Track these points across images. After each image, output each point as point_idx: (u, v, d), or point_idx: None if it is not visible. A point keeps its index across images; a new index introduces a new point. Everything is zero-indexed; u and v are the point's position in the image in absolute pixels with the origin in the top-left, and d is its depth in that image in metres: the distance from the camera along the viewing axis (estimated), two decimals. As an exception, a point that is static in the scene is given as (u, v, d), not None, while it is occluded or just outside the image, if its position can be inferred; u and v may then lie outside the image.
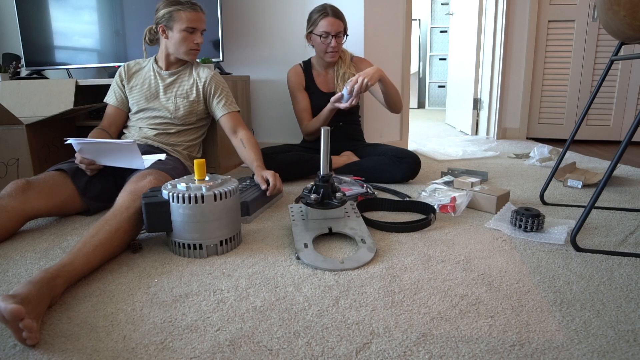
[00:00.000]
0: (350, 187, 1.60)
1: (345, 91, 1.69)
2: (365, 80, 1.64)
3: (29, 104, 2.05)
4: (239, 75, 2.28)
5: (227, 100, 1.63)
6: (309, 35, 1.90)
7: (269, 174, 1.45)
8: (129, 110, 1.67)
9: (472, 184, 1.56)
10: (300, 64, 2.03)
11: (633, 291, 0.89)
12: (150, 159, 1.45)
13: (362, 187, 1.59)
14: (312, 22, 1.87)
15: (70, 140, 1.33)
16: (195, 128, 1.69)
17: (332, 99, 1.76)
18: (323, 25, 1.82)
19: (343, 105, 1.73)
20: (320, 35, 1.85)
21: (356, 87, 1.64)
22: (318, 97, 1.96)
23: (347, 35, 1.92)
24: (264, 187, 1.44)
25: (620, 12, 1.05)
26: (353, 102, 1.70)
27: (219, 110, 1.62)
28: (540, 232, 1.21)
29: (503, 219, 1.31)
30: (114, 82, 1.66)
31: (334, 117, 1.90)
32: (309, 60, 2.04)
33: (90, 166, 1.39)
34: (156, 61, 1.64)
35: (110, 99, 1.66)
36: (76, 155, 1.38)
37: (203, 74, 1.62)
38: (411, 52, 3.87)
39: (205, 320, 0.80)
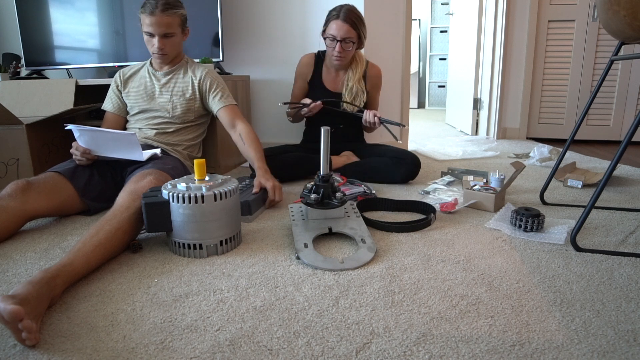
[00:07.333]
0: (350, 187, 1.60)
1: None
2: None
3: (29, 104, 2.05)
4: (239, 75, 2.28)
5: (223, 94, 1.63)
6: (323, 33, 1.84)
7: (269, 186, 1.44)
8: (127, 114, 1.67)
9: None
10: (315, 54, 1.95)
11: (633, 291, 0.89)
12: (146, 152, 1.45)
13: (361, 186, 1.59)
14: (325, 21, 1.81)
15: (70, 126, 1.33)
16: (194, 126, 1.69)
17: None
18: (331, 27, 1.76)
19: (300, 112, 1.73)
20: (327, 38, 1.79)
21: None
22: (321, 93, 1.91)
23: (357, 44, 1.80)
24: (255, 190, 1.42)
25: (620, 12, 1.05)
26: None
27: (215, 105, 1.62)
28: (540, 232, 1.21)
29: (503, 218, 1.31)
30: (110, 89, 1.67)
31: (334, 119, 1.90)
32: (325, 52, 1.94)
33: (84, 154, 1.38)
34: (151, 63, 1.65)
35: (108, 105, 1.67)
36: (73, 143, 1.38)
37: (198, 72, 1.63)
38: (411, 52, 3.86)
39: (205, 320, 0.80)
